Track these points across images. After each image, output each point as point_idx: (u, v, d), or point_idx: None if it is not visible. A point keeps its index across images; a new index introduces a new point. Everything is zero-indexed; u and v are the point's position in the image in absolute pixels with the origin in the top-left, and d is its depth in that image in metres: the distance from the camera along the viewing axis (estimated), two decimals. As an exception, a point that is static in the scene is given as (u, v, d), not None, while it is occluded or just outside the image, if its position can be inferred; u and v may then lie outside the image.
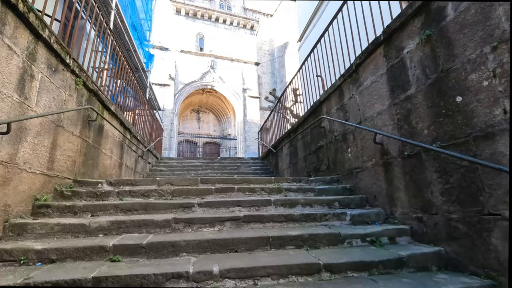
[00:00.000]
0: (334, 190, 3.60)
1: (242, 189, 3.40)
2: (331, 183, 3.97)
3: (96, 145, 4.03)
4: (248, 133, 20.93)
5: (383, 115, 3.00)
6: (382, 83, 3.03)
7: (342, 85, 3.92)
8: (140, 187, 3.39)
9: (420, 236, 2.45)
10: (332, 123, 4.21)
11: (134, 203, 2.80)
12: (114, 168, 4.81)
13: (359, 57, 3.39)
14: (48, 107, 2.84)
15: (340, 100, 3.99)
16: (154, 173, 7.41)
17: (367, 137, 3.30)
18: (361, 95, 3.43)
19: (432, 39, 2.36)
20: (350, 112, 3.70)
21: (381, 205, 3.01)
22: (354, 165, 3.61)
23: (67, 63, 3.11)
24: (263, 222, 2.66)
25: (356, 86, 3.56)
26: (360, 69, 3.45)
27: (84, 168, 3.68)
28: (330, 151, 4.29)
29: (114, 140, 4.80)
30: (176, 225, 2.48)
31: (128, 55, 7.59)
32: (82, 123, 3.60)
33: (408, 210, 2.61)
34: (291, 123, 7.80)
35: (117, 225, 2.39)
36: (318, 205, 3.13)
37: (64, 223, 2.31)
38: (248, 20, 22.82)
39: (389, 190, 2.89)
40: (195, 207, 2.88)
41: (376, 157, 3.12)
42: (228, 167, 8.54)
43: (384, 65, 2.98)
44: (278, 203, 3.05)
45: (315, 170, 4.85)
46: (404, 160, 2.67)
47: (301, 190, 3.53)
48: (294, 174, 6.02)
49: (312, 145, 5.02)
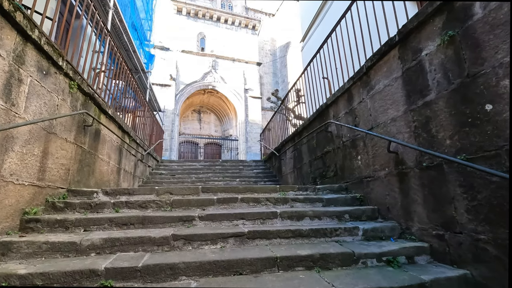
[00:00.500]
0: (343, 200, 3.39)
1: (246, 199, 3.20)
2: (339, 191, 3.76)
3: (92, 151, 3.84)
4: (249, 134, 20.73)
5: (397, 122, 2.79)
6: (396, 87, 2.82)
7: (351, 88, 3.71)
8: (138, 197, 3.20)
9: (441, 255, 2.24)
10: (340, 128, 4.00)
11: (131, 216, 2.60)
12: (111, 174, 4.62)
13: (371, 59, 3.19)
14: (38, 113, 2.65)
15: (349, 104, 3.78)
16: (154, 177, 7.23)
17: (379, 144, 3.10)
18: (373, 99, 3.22)
19: (456, 40, 2.15)
20: (360, 117, 3.49)
21: (395, 218, 2.81)
22: (364, 173, 3.40)
23: (59, 65, 2.92)
24: (269, 238, 2.46)
25: (367, 89, 3.35)
26: (371, 71, 3.24)
27: (79, 176, 3.49)
28: (338, 157, 4.08)
29: (112, 145, 4.61)
30: (175, 242, 2.28)
31: (128, 55, 7.42)
32: (77, 129, 3.41)
33: (427, 226, 2.40)
34: (294, 125, 7.60)
35: (111, 243, 2.20)
36: (327, 218, 2.92)
37: (53, 241, 2.12)
38: (250, 20, 22.61)
39: (405, 203, 2.68)
40: (196, 221, 2.69)
41: (389, 166, 2.91)
42: (230, 170, 8.35)
43: (399, 68, 2.77)
44: (284, 215, 2.85)
45: (321, 176, 4.65)
46: (422, 172, 2.46)
47: (308, 200, 3.32)
48: (298, 179, 5.82)
49: (318, 150, 4.82)
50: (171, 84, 18.76)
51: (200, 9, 21.15)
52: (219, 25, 21.96)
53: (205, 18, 21.56)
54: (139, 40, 10.14)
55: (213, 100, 22.06)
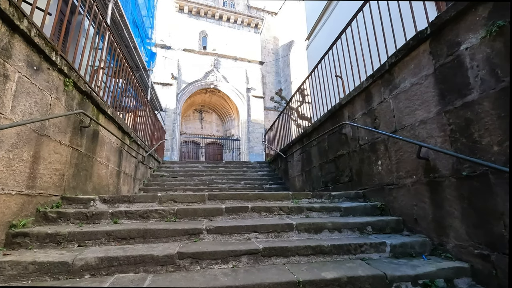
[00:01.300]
0: (363, 209, 3.11)
1: (257, 209, 2.91)
2: (357, 199, 3.48)
3: (89, 154, 3.56)
4: (252, 134, 20.45)
5: (428, 124, 2.50)
6: (427, 86, 2.53)
7: (370, 87, 3.42)
8: (139, 206, 2.92)
9: (486, 278, 1.95)
10: (357, 130, 3.72)
11: (131, 229, 2.32)
12: (111, 177, 4.34)
13: (395, 54, 2.89)
14: (28, 113, 2.37)
15: (367, 105, 3.50)
16: (156, 179, 6.96)
17: (404, 149, 2.81)
18: (397, 99, 2.94)
19: (506, 32, 1.86)
20: (381, 118, 3.21)
21: (425, 231, 2.52)
22: (386, 180, 3.11)
23: (53, 60, 2.64)
24: (287, 256, 2.18)
25: (389, 88, 3.06)
26: (395, 69, 2.95)
27: (75, 182, 3.21)
28: (354, 162, 3.80)
29: (111, 147, 4.33)
30: (181, 261, 2.00)
31: (128, 53, 7.14)
32: (73, 130, 3.14)
33: (467, 244, 2.11)
34: (304, 127, 7.32)
35: (108, 262, 1.92)
36: (348, 230, 2.64)
37: (42, 262, 1.84)
38: (252, 18, 22.31)
39: (437, 215, 2.40)
40: (203, 234, 2.40)
41: (418, 173, 2.62)
42: (234, 172, 8.07)
43: (431, 64, 2.48)
44: (301, 228, 2.56)
45: (334, 181, 4.36)
46: (460, 181, 2.17)
47: (325, 209, 3.04)
48: (307, 183, 5.53)
49: (330, 153, 4.53)
50: (172, 83, 18.48)
51: (202, 7, 20.86)
52: (221, 23, 21.67)
53: (207, 16, 21.27)
54: (140, 38, 9.86)
55: (215, 99, 21.78)
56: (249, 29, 22.42)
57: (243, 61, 21.22)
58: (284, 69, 26.20)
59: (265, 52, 26.15)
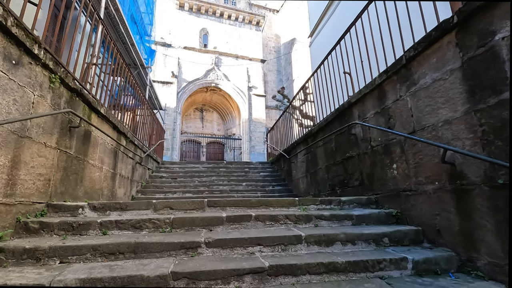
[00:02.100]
0: (376, 217, 2.84)
1: (261, 217, 2.65)
2: (369, 205, 3.21)
3: (80, 156, 3.31)
4: (253, 133, 20.17)
5: (454, 125, 2.23)
6: (452, 82, 2.26)
7: (383, 84, 3.15)
8: (131, 215, 2.67)
9: (528, 304, 1.69)
10: (368, 131, 3.45)
11: (120, 243, 2.07)
12: (105, 180, 4.09)
13: (414, 47, 2.62)
14: (5, 112, 2.11)
15: (380, 103, 3.22)
16: (154, 181, 6.71)
17: (425, 151, 2.54)
18: (415, 97, 2.66)
19: (555, 17, 1.58)
20: (396, 118, 2.93)
21: (450, 245, 2.25)
22: (402, 185, 2.84)
23: (35, 54, 2.38)
24: (296, 274, 1.92)
25: (406, 85, 2.79)
26: (413, 63, 2.68)
27: (63, 187, 2.96)
28: (365, 164, 3.53)
29: (105, 148, 4.08)
30: (175, 282, 1.75)
31: (126, 49, 6.87)
32: (60, 131, 2.88)
33: (503, 262, 1.85)
34: (307, 125, 7.04)
35: (90, 284, 1.66)
36: (362, 242, 2.38)
37: (14, 285, 1.59)
38: (254, 16, 21.98)
39: (465, 227, 2.13)
40: (202, 248, 2.15)
41: (441, 179, 2.35)
42: (235, 173, 7.82)
43: (457, 57, 2.21)
44: (310, 240, 2.30)
45: (342, 184, 4.09)
46: (495, 190, 1.91)
47: (335, 217, 2.77)
48: (312, 185, 5.27)
49: (337, 154, 4.26)
50: (173, 81, 18.21)
51: (202, 4, 20.53)
52: (222, 21, 21.35)
53: (208, 13, 20.95)
54: (139, 35, 9.60)
55: (216, 98, 21.50)
56: (251, 27, 22.09)
57: (244, 59, 20.91)
58: (285, 67, 25.88)
59: (267, 50, 25.83)
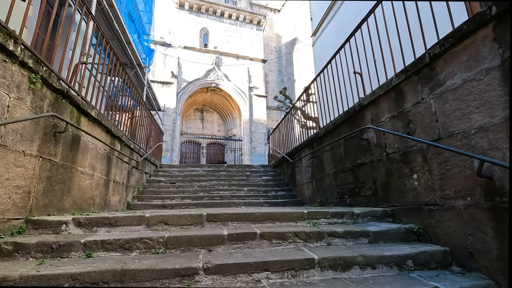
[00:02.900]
0: (395, 233, 2.54)
1: (267, 235, 2.35)
2: (384, 218, 2.92)
3: (67, 164, 3.02)
4: (254, 134, 19.88)
5: (491, 133, 1.94)
6: (488, 83, 1.96)
7: (401, 85, 2.85)
8: (121, 232, 2.37)
9: None
10: (383, 136, 3.15)
11: (104, 271, 1.77)
12: (97, 188, 3.80)
13: (440, 44, 2.32)
14: (-28, 118, 1.82)
15: (397, 106, 2.93)
16: (152, 185, 6.42)
17: (453, 162, 2.24)
18: (441, 99, 2.36)
19: None
20: (417, 122, 2.64)
21: (486, 271, 1.95)
22: (424, 198, 2.55)
23: (10, 51, 2.09)
24: (311, 310, 1.62)
25: (429, 86, 2.49)
26: (439, 62, 2.38)
27: (46, 199, 2.66)
28: (379, 173, 3.23)
29: (97, 153, 3.79)
30: (167, 324, 1.45)
31: (121, 47, 6.58)
32: (43, 137, 2.59)
33: (558, 298, 1.55)
34: (310, 127, 6.75)
35: (64, 328, 1.37)
36: (383, 266, 2.08)
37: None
38: (255, 15, 21.70)
39: (506, 252, 1.83)
40: (200, 275, 1.85)
41: (474, 195, 2.05)
42: (236, 177, 7.52)
43: (495, 54, 1.91)
44: (324, 263, 2.00)
45: (353, 193, 3.80)
46: (547, 212, 1.61)
47: (350, 234, 2.47)
48: (318, 192, 4.97)
49: (347, 160, 3.96)
50: (172, 81, 17.94)
51: (203, 3, 20.25)
52: (223, 20, 21.07)
53: (208, 13, 20.67)
54: (137, 33, 9.31)
55: (216, 98, 21.21)
56: (251, 27, 21.81)
57: (245, 59, 20.62)
58: (287, 68, 25.59)
59: (268, 50, 25.53)
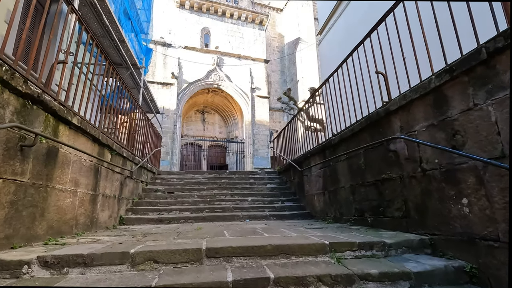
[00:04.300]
0: (443, 275, 2.02)
1: (283, 281, 1.83)
2: (422, 249, 2.40)
3: (40, 183, 2.52)
4: (256, 136, 19.36)
5: None
6: None
7: (443, 88, 2.33)
8: (97, 274, 1.87)
9: None
10: (417, 148, 2.63)
11: None
12: (81, 206, 3.30)
13: (504, 36, 1.81)
14: None
15: (437, 113, 2.41)
16: (148, 195, 5.92)
17: (526, 188, 1.72)
18: (503, 106, 1.85)
19: None
20: (468, 134, 2.12)
21: None
22: (479, 230, 2.03)
23: (-52, 45, 1.60)
24: None
25: (486, 89, 1.98)
26: (500, 58, 1.87)
27: (9, 228, 2.17)
28: (411, 191, 2.71)
29: (82, 166, 3.29)
30: None
31: (114, 46, 6.09)
32: (4, 153, 2.09)
33: None
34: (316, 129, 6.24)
35: None
36: (440, 329, 1.56)
37: None
38: (257, 15, 21.20)
39: None
40: None
41: None
42: (239, 185, 7.02)
43: None
44: (363, 328, 1.49)
45: (376, 212, 3.28)
46: None
47: (387, 277, 1.96)
48: (331, 206, 4.46)
49: (367, 173, 3.45)
50: (173, 82, 17.47)
51: (204, 2, 19.78)
52: (224, 20, 20.59)
53: (210, 12, 20.20)
54: (134, 32, 8.83)
55: (218, 99, 20.72)
56: (254, 26, 21.32)
57: (247, 60, 20.12)
58: (290, 68, 25.07)
59: (270, 50, 25.02)
